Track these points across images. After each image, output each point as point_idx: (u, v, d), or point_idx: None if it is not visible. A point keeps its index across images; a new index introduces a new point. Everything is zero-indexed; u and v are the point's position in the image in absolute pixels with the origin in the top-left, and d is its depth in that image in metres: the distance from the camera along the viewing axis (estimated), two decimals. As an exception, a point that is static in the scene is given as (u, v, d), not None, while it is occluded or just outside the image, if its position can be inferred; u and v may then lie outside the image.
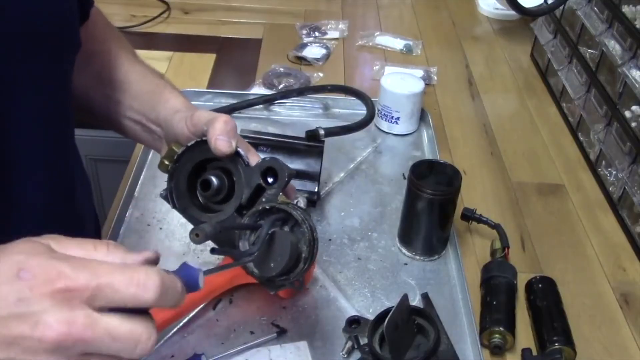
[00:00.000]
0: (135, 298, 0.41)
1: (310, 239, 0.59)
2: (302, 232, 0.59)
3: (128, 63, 0.77)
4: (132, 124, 0.76)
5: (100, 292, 0.40)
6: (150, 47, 1.30)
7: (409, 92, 1.05)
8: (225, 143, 0.60)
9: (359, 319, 0.72)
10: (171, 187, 0.64)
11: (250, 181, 0.61)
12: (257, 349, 0.69)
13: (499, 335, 0.73)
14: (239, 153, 0.61)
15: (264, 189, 0.61)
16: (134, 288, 0.41)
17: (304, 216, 0.59)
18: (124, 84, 0.75)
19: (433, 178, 0.83)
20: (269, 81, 1.20)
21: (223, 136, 0.60)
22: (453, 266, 0.83)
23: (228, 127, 0.60)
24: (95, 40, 0.75)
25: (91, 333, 0.40)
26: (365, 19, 1.50)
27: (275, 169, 0.61)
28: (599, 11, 1.04)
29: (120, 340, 0.41)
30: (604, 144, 0.98)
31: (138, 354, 0.42)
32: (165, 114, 0.70)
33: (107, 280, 0.41)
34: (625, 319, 0.80)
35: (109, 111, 0.77)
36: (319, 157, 0.88)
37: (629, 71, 0.91)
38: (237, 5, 1.49)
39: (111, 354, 0.41)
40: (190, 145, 0.62)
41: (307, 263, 0.59)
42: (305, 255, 0.59)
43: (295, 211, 0.59)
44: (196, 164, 0.63)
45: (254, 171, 0.61)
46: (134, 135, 0.77)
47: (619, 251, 0.90)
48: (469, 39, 1.43)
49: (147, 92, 0.74)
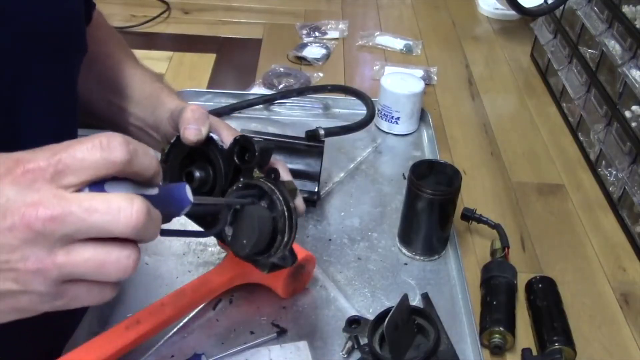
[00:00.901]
0: (104, 160, 0.38)
1: (282, 209, 0.56)
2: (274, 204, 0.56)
3: (129, 67, 0.78)
4: (136, 130, 0.76)
5: (64, 165, 0.38)
6: (150, 47, 1.30)
7: (409, 92, 1.05)
8: (193, 131, 0.59)
9: (359, 319, 0.72)
10: None
11: (228, 164, 0.60)
12: (257, 349, 0.69)
13: (499, 335, 0.73)
14: (212, 138, 0.60)
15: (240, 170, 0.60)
16: (99, 151, 0.38)
17: (274, 187, 0.56)
18: (126, 89, 0.75)
19: (433, 178, 0.83)
20: (269, 81, 1.20)
21: (192, 124, 0.59)
22: (453, 266, 0.83)
23: (196, 114, 0.59)
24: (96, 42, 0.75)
25: (60, 209, 0.37)
26: (365, 19, 1.50)
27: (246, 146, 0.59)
28: (599, 11, 1.04)
29: (97, 212, 0.37)
30: (604, 144, 0.98)
31: (124, 222, 0.38)
32: (162, 117, 0.70)
33: (68, 153, 0.38)
34: (625, 319, 0.80)
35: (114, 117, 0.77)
36: (319, 157, 0.88)
37: (629, 71, 0.91)
38: (237, 5, 1.49)
39: (95, 232, 0.38)
40: (172, 142, 0.62)
41: (285, 235, 0.56)
42: (281, 227, 0.56)
43: (265, 184, 0.56)
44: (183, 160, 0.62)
45: (228, 153, 0.60)
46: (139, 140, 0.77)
47: (619, 251, 0.90)
48: (469, 39, 1.43)
49: (147, 97, 0.74)
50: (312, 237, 0.86)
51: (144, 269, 0.78)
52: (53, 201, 0.37)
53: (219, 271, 0.71)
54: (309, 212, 0.89)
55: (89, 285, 0.40)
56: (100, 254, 0.38)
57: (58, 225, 0.37)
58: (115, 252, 0.39)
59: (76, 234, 0.38)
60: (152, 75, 0.79)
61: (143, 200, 0.39)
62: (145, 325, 0.63)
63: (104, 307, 0.73)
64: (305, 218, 0.88)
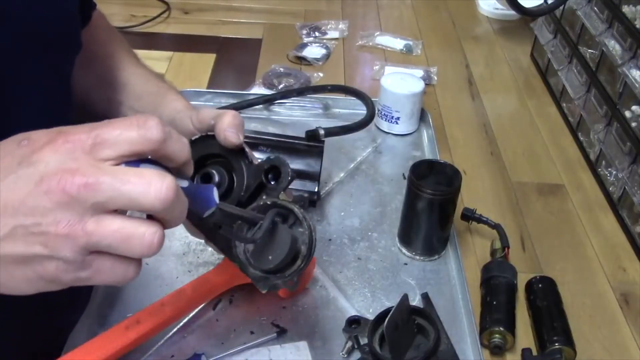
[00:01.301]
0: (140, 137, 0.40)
1: (309, 238, 0.58)
2: (301, 231, 0.59)
3: (131, 66, 0.78)
4: None
5: (102, 139, 0.40)
6: (150, 47, 1.30)
7: (409, 92, 1.05)
8: (234, 134, 0.60)
9: (359, 319, 0.71)
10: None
11: (252, 179, 0.61)
12: (257, 349, 0.69)
13: (499, 335, 0.73)
14: (244, 150, 0.61)
15: (264, 187, 0.61)
16: (136, 129, 0.40)
17: (304, 215, 0.59)
18: (126, 86, 0.76)
19: (433, 178, 0.83)
20: (269, 81, 1.20)
21: (232, 128, 0.60)
22: (453, 266, 0.83)
23: (236, 120, 0.61)
24: (96, 42, 0.76)
25: (95, 177, 0.38)
26: (365, 19, 1.50)
27: (279, 168, 0.61)
28: (599, 11, 1.04)
29: (130, 183, 0.39)
30: (604, 144, 0.98)
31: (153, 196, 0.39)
32: (168, 113, 0.71)
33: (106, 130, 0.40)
34: (625, 319, 0.80)
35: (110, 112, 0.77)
36: (319, 157, 0.88)
37: (629, 71, 0.91)
38: (237, 5, 1.49)
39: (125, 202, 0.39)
40: (193, 140, 0.62)
41: (304, 261, 0.58)
42: (304, 254, 0.58)
43: (297, 209, 0.59)
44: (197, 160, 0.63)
45: (257, 169, 0.61)
46: None
47: (619, 251, 0.90)
48: (469, 39, 1.43)
49: (150, 94, 0.75)
50: (312, 237, 0.86)
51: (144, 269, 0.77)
52: (89, 169, 0.39)
53: (219, 271, 0.71)
54: (309, 212, 0.89)
55: (113, 261, 0.41)
56: (128, 226, 0.40)
57: (91, 193, 0.38)
58: (142, 227, 0.40)
59: (107, 203, 0.39)
60: (157, 75, 0.79)
61: (173, 179, 0.40)
62: (145, 325, 0.63)
63: (104, 307, 0.73)
64: (305, 218, 0.89)
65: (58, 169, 0.38)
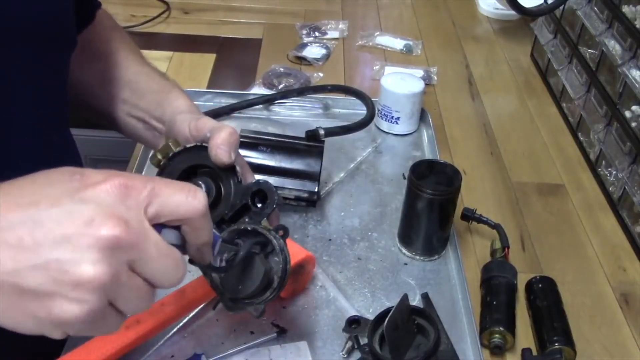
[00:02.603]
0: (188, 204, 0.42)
1: (283, 269, 0.58)
2: (276, 261, 0.58)
3: (135, 64, 0.78)
4: (135, 121, 0.76)
5: (156, 195, 0.41)
6: (150, 47, 1.30)
7: (409, 92, 1.05)
8: (226, 153, 0.59)
9: (359, 319, 0.72)
10: None
11: (238, 198, 0.60)
12: (257, 349, 0.69)
13: (499, 335, 0.73)
14: (235, 168, 0.61)
15: (249, 210, 0.61)
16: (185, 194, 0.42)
17: (282, 246, 0.58)
18: (129, 84, 0.76)
19: (433, 178, 0.83)
20: (269, 81, 1.20)
21: (225, 146, 0.60)
22: (453, 266, 0.83)
23: (232, 139, 0.60)
24: (100, 41, 0.76)
25: (144, 240, 0.39)
26: (365, 19, 1.50)
27: (266, 193, 0.61)
28: (599, 11, 1.04)
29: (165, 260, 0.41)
30: (604, 144, 0.98)
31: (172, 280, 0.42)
32: (171, 112, 0.71)
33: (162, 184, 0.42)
34: (625, 319, 0.80)
35: (113, 109, 0.77)
36: (319, 157, 0.88)
37: (629, 71, 0.91)
38: (237, 5, 1.49)
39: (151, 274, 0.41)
40: (188, 147, 0.62)
41: (274, 292, 0.58)
42: (275, 286, 0.58)
43: (275, 239, 0.58)
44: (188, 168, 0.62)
45: (244, 189, 0.61)
46: (135, 134, 0.78)
47: (619, 251, 0.90)
48: (469, 39, 1.43)
49: (155, 92, 0.75)
50: (312, 237, 0.86)
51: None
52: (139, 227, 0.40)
53: (219, 271, 0.71)
54: (309, 212, 0.89)
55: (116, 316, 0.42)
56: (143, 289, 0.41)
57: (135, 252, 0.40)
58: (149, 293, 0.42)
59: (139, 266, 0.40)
60: (161, 73, 0.79)
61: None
62: (145, 325, 0.63)
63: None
64: (305, 218, 0.89)
65: (111, 214, 0.38)
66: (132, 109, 0.76)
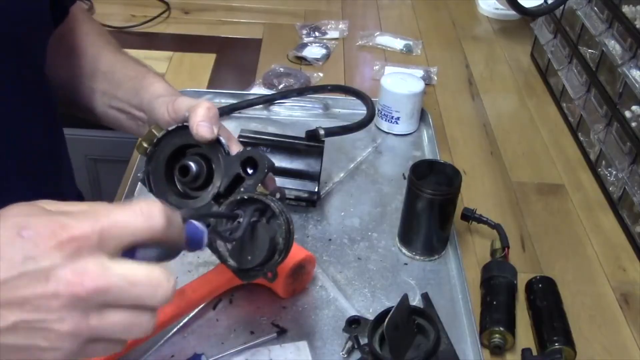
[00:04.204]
0: (146, 228, 0.41)
1: (286, 230, 0.58)
2: (278, 224, 0.58)
3: (110, 54, 0.78)
4: (117, 112, 0.76)
5: (108, 233, 0.39)
6: (150, 47, 1.30)
7: (409, 92, 1.05)
8: (207, 129, 0.59)
9: (359, 319, 0.72)
10: (148, 171, 0.63)
11: (229, 170, 0.60)
12: (257, 349, 0.69)
13: (499, 335, 0.73)
14: (220, 141, 0.61)
15: (242, 179, 0.61)
16: (141, 218, 0.40)
17: (281, 208, 0.58)
18: (107, 75, 0.76)
19: (433, 178, 0.83)
20: (269, 81, 1.20)
21: (205, 122, 0.59)
22: (453, 266, 0.83)
23: (210, 113, 0.60)
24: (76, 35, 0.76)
25: (105, 280, 0.38)
26: (365, 19, 1.50)
27: (256, 159, 0.60)
28: (599, 11, 1.04)
29: (139, 285, 0.40)
30: (604, 144, 0.98)
31: (160, 298, 0.40)
32: (149, 98, 0.70)
33: (111, 220, 0.40)
34: (625, 319, 0.80)
35: (95, 102, 0.77)
36: (319, 157, 0.88)
37: (629, 71, 0.91)
38: (237, 5, 1.49)
39: (132, 302, 0.40)
40: (170, 130, 0.62)
41: (282, 255, 0.58)
42: (281, 248, 0.58)
43: (273, 203, 0.58)
44: (175, 150, 0.62)
45: (233, 160, 0.60)
46: (119, 125, 0.77)
47: (619, 251, 0.90)
48: (469, 39, 1.43)
49: (131, 79, 0.75)
50: (312, 237, 0.86)
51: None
52: (98, 271, 0.38)
53: (219, 271, 0.71)
54: (309, 212, 0.89)
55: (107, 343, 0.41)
56: (129, 318, 0.40)
57: (101, 296, 0.39)
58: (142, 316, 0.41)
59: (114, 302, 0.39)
60: (137, 60, 0.79)
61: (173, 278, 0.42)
62: (145, 325, 0.63)
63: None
64: (305, 218, 0.89)
65: (66, 271, 0.38)
66: (111, 100, 0.75)
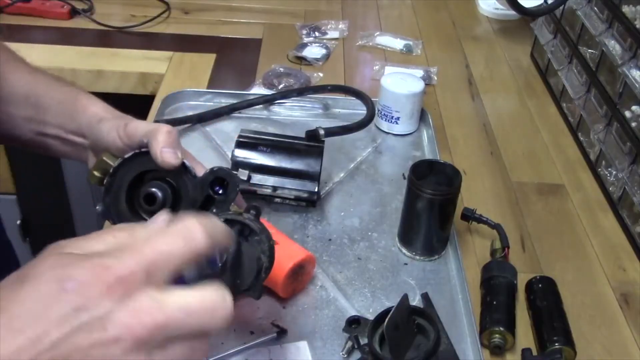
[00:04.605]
0: (190, 251, 0.39)
1: (268, 247, 0.56)
2: (258, 241, 0.56)
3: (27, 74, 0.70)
4: (50, 139, 0.70)
5: (154, 266, 0.38)
6: (150, 47, 1.30)
7: (409, 92, 1.05)
8: (171, 155, 0.57)
9: (359, 319, 0.72)
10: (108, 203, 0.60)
11: (198, 192, 0.59)
12: (257, 349, 0.69)
13: (499, 335, 0.73)
14: (185, 165, 0.59)
15: (213, 200, 0.59)
16: (183, 242, 0.39)
17: (260, 226, 0.57)
18: (29, 99, 0.69)
19: (433, 178, 0.83)
20: (269, 81, 1.19)
21: (168, 148, 0.57)
22: (453, 266, 0.83)
23: (171, 137, 0.58)
24: None
25: (163, 316, 0.37)
26: (365, 19, 1.50)
27: (225, 178, 0.59)
28: (599, 11, 1.04)
29: (196, 313, 0.38)
30: (604, 144, 0.98)
31: (219, 322, 0.39)
32: (88, 122, 0.66)
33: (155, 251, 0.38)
34: (625, 319, 0.80)
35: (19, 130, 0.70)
36: (319, 157, 0.88)
37: (629, 71, 0.91)
38: (237, 5, 1.49)
39: (191, 331, 0.38)
40: (127, 157, 0.59)
41: (267, 272, 0.57)
42: (267, 265, 0.56)
43: (252, 222, 0.56)
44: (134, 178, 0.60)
45: (202, 182, 0.59)
46: (55, 151, 0.71)
47: (619, 251, 0.90)
48: (469, 39, 1.43)
49: (60, 102, 0.68)
50: (312, 237, 0.86)
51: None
52: (154, 308, 0.37)
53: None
54: (309, 212, 0.89)
55: None
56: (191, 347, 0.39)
57: (162, 332, 0.37)
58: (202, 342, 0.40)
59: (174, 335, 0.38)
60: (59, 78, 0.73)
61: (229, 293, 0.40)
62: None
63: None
64: (305, 218, 0.89)
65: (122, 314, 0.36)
66: (40, 127, 0.69)
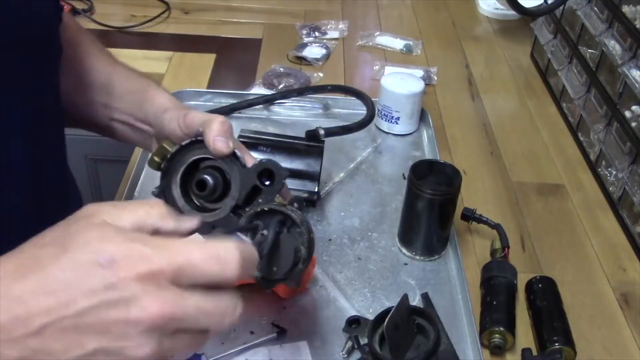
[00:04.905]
0: (218, 275, 0.42)
1: (308, 239, 0.59)
2: (299, 232, 0.59)
3: (108, 65, 0.77)
4: (121, 125, 0.76)
5: (183, 272, 0.41)
6: (150, 47, 1.30)
7: (409, 92, 1.05)
8: (223, 144, 0.60)
9: (359, 319, 0.72)
10: (163, 186, 0.63)
11: (247, 182, 0.61)
12: (257, 349, 0.69)
13: (499, 335, 0.73)
14: (236, 154, 0.62)
15: (260, 190, 0.61)
16: (215, 265, 0.42)
17: (302, 218, 0.59)
18: (107, 87, 0.75)
19: (433, 178, 0.83)
20: (269, 81, 1.20)
21: (221, 136, 0.60)
22: (453, 266, 0.83)
23: (225, 127, 0.61)
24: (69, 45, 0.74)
25: (183, 310, 0.40)
26: (365, 19, 1.50)
27: (272, 170, 0.61)
28: (599, 11, 1.04)
29: (209, 315, 0.42)
30: (604, 144, 0.98)
31: (224, 326, 0.43)
32: (154, 112, 0.70)
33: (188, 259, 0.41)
34: (625, 319, 0.80)
35: (96, 115, 0.76)
36: (319, 157, 0.88)
37: (629, 71, 0.91)
38: (237, 5, 1.49)
39: (200, 328, 0.42)
40: (184, 144, 0.62)
41: (305, 263, 0.59)
42: (305, 256, 0.59)
43: (294, 213, 0.59)
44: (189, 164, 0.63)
45: (250, 172, 0.61)
46: (124, 137, 0.77)
47: (619, 251, 0.90)
48: (469, 39, 1.43)
49: (132, 92, 0.74)
50: (312, 237, 0.86)
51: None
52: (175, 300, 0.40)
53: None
54: (309, 212, 0.89)
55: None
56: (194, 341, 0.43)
57: (177, 323, 0.41)
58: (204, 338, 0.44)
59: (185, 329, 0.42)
60: (135, 71, 0.79)
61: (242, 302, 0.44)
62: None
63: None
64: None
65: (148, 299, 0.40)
66: (113, 113, 0.75)
